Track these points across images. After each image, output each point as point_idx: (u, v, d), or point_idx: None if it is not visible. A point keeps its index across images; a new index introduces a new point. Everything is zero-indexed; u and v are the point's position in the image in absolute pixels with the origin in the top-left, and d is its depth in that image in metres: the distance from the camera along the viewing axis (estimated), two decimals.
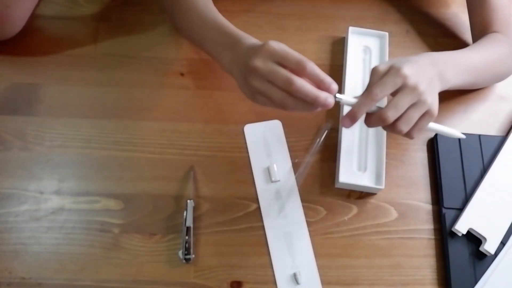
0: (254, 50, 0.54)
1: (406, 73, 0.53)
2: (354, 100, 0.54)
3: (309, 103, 0.52)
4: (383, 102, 0.60)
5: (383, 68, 0.56)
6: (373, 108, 0.55)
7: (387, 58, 0.73)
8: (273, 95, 0.52)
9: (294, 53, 0.52)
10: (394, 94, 0.54)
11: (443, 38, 0.78)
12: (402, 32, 0.78)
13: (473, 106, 0.72)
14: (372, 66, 0.73)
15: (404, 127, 0.54)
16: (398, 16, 0.80)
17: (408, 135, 0.56)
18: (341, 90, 0.71)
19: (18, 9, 0.68)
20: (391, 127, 0.54)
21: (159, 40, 0.74)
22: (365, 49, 0.75)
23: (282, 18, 0.78)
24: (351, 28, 0.74)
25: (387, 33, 0.75)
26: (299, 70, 0.51)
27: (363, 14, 0.79)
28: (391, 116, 0.53)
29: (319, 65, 0.73)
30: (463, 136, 0.60)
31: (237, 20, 0.76)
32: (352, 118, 0.54)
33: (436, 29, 0.79)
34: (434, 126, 0.58)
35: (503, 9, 0.71)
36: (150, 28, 0.74)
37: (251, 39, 0.59)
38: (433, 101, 0.55)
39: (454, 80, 0.61)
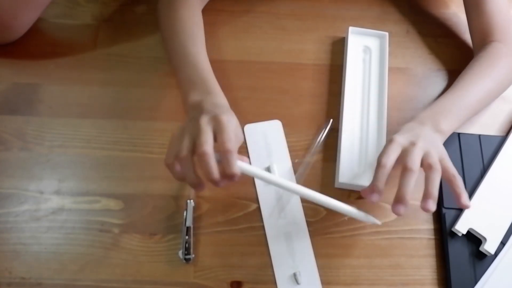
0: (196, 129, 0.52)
1: (400, 140, 0.56)
2: (247, 166, 0.54)
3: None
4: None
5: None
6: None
7: (387, 58, 0.73)
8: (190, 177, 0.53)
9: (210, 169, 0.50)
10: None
11: (443, 38, 0.78)
12: (402, 32, 0.78)
13: None
14: (372, 66, 0.73)
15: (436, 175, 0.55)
16: (398, 16, 0.80)
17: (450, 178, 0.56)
18: (341, 90, 0.71)
19: (24, 18, 0.68)
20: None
21: (159, 40, 0.73)
22: (365, 49, 0.75)
23: (282, 18, 0.78)
24: (351, 28, 0.74)
25: (387, 33, 0.75)
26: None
27: (363, 14, 0.79)
28: (415, 166, 0.54)
29: (319, 65, 0.74)
30: (379, 223, 0.59)
31: (237, 20, 0.77)
32: (377, 191, 0.55)
33: (436, 29, 0.79)
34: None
35: (503, 16, 0.70)
36: (150, 28, 0.74)
37: (215, 98, 0.59)
38: (437, 147, 0.57)
39: (450, 127, 0.61)
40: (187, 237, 0.59)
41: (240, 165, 0.52)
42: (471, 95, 0.65)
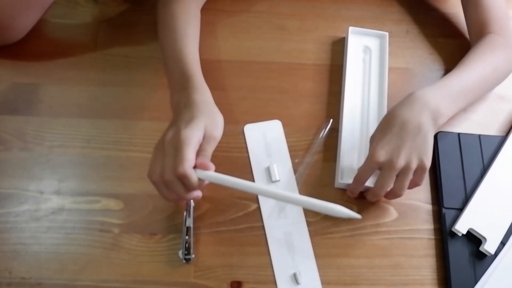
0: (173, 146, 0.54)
1: (379, 159, 0.57)
2: (210, 175, 0.55)
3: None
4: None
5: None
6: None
7: (387, 58, 0.73)
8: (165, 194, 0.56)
9: (191, 182, 0.54)
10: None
11: (443, 38, 0.78)
12: (402, 32, 0.78)
13: (473, 106, 0.71)
14: (372, 66, 0.73)
15: (401, 192, 0.59)
16: (398, 16, 0.80)
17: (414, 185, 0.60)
18: (341, 91, 0.71)
19: (23, 20, 0.68)
20: (391, 196, 0.61)
21: None
22: (365, 49, 0.75)
23: (282, 18, 0.78)
24: (351, 28, 0.74)
25: (387, 33, 0.75)
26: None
27: (363, 14, 0.79)
28: (382, 193, 0.59)
29: (319, 65, 0.74)
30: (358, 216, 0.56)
31: (236, 20, 0.77)
32: (352, 195, 0.63)
33: (436, 29, 0.79)
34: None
35: (498, 8, 0.71)
36: (150, 28, 0.74)
37: (192, 94, 0.59)
38: (419, 156, 0.57)
39: (450, 111, 0.61)
40: (187, 237, 0.59)
41: (203, 175, 0.54)
42: (471, 78, 0.65)
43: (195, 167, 0.54)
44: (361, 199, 0.64)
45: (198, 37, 0.69)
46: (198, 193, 0.56)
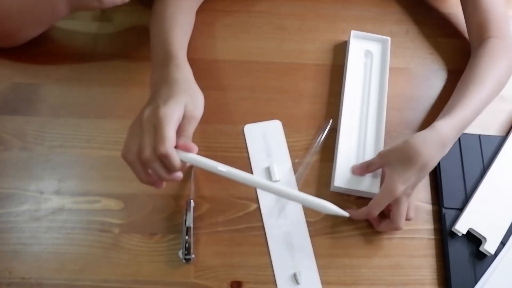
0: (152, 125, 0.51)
1: (398, 195, 0.59)
2: (192, 156, 0.53)
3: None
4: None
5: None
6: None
7: (388, 63, 0.73)
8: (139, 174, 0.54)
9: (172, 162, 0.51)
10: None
11: (443, 38, 0.78)
12: (402, 32, 0.78)
13: None
14: (373, 70, 0.73)
15: (413, 214, 0.62)
16: (398, 16, 0.80)
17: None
18: (341, 91, 0.71)
19: (30, 32, 0.68)
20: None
21: None
22: (366, 53, 0.74)
23: (282, 18, 0.78)
24: (353, 32, 0.74)
25: (389, 38, 0.74)
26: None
27: (363, 15, 0.79)
28: (403, 224, 0.60)
29: (319, 65, 0.74)
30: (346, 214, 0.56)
31: (237, 20, 0.77)
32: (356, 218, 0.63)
33: (436, 29, 0.79)
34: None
35: (498, 10, 0.71)
36: None
37: (172, 72, 0.57)
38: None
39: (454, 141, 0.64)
40: (187, 237, 0.59)
41: (185, 157, 0.52)
42: (479, 101, 0.64)
43: (176, 147, 0.52)
44: (361, 199, 0.64)
45: (189, 27, 0.68)
46: (179, 174, 0.53)
